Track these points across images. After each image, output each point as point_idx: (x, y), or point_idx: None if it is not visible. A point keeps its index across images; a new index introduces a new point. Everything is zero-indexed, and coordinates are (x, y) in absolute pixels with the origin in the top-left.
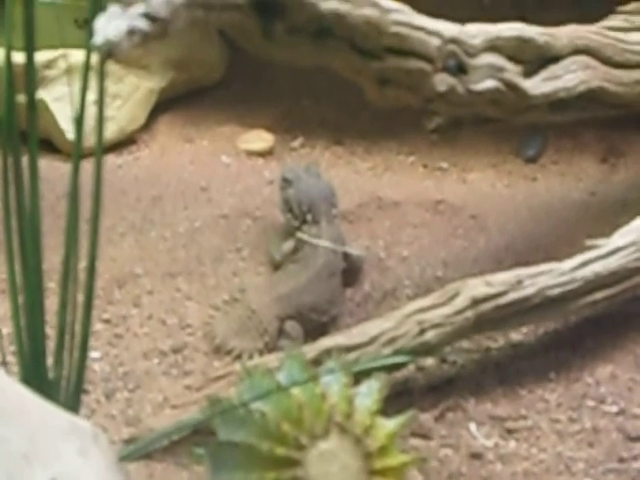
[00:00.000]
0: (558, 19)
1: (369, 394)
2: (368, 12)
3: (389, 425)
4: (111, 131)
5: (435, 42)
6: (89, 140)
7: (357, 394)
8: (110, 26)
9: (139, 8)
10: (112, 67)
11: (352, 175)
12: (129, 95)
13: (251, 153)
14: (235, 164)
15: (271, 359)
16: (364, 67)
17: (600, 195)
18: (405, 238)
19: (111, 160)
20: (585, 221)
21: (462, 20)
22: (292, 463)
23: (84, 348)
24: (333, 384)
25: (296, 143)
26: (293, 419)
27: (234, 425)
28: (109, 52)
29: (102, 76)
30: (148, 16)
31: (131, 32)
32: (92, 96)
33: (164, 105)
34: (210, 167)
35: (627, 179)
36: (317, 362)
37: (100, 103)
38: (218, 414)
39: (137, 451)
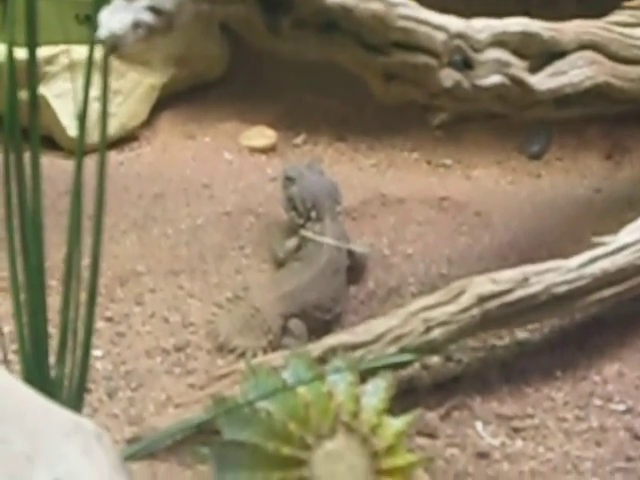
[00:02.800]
0: (563, 14)
1: (376, 393)
2: (374, 6)
3: (396, 424)
4: (113, 127)
5: (441, 37)
6: (90, 137)
7: (364, 393)
8: (114, 19)
9: (144, 1)
10: (114, 63)
11: (355, 172)
12: (130, 91)
13: (253, 150)
14: (237, 161)
15: (275, 357)
16: (370, 62)
17: (605, 192)
18: (409, 235)
19: (113, 157)
20: (590, 218)
21: (468, 15)
22: (298, 463)
23: (87, 346)
24: (339, 383)
25: (299, 140)
26: (299, 418)
27: (239, 424)
28: (114, 45)
29: (107, 70)
30: (153, 9)
31: (136, 25)
32: (94, 92)
33: (166, 101)
34: (212, 164)
35: (632, 176)
36: (322, 360)
37: (104, 99)
38: (223, 413)
39: (140, 451)
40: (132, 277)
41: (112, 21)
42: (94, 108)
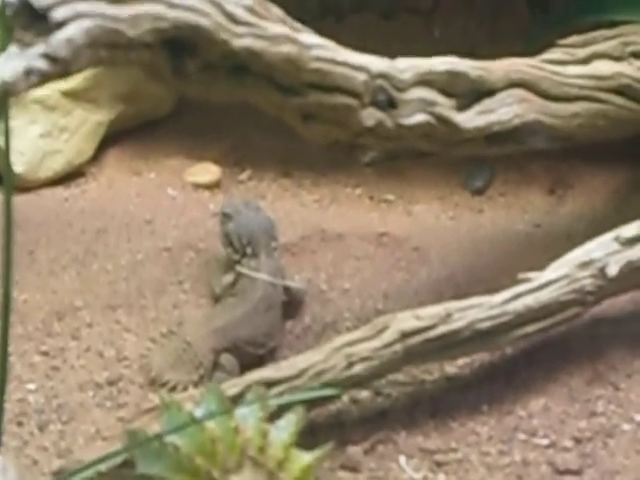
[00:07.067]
0: (509, 52)
1: (286, 427)
2: (286, 49)
3: (305, 458)
4: (59, 164)
5: (361, 77)
6: (36, 173)
7: (275, 428)
8: (7, 67)
9: (39, 48)
10: (60, 100)
11: (297, 207)
12: (77, 128)
13: (198, 186)
14: (181, 197)
15: (199, 393)
16: (285, 103)
17: (545, 227)
18: (347, 270)
19: (58, 193)
20: (528, 253)
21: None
22: None
23: (2, 380)
24: (249, 418)
25: (244, 176)
26: (206, 453)
27: (151, 458)
28: (5, 92)
29: (7, 114)
30: (48, 56)
31: (28, 72)
32: (39, 130)
33: (113, 138)
34: (156, 200)
35: (574, 211)
36: (243, 396)
37: (6, 139)
38: (134, 447)
39: None
40: (70, 312)
41: (4, 69)
42: (39, 146)
